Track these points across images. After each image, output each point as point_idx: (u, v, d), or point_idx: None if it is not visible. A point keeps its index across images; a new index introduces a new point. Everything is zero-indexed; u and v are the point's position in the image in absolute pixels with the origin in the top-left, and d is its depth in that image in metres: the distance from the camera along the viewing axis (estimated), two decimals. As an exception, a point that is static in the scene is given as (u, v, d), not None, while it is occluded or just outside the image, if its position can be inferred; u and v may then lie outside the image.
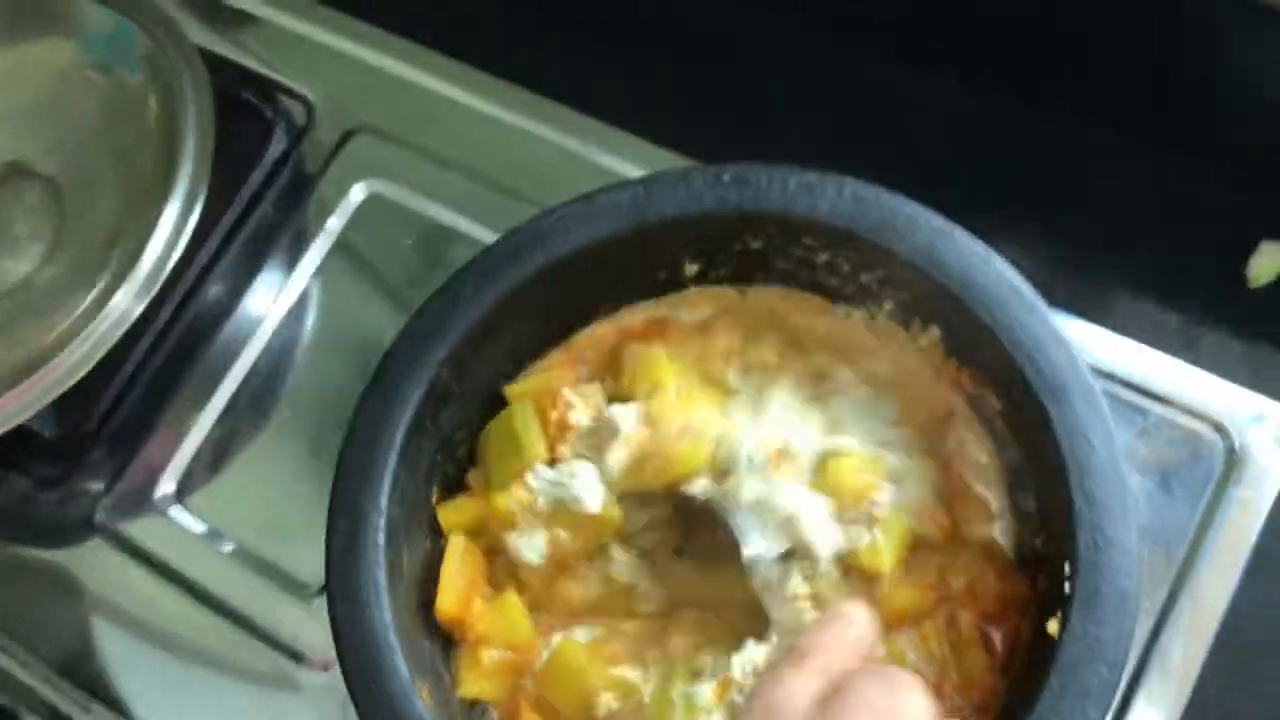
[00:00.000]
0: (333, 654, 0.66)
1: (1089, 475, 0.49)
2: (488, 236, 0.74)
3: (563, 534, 0.57)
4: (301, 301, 0.76)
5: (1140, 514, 0.51)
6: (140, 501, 0.74)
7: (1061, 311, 0.63)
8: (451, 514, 0.59)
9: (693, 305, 0.61)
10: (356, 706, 0.52)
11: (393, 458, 0.55)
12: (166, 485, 0.73)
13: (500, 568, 0.58)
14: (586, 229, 0.57)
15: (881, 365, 0.58)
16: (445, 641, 0.58)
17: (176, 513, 0.73)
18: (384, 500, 0.55)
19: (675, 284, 0.60)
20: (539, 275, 0.57)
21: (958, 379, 0.56)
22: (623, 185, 0.57)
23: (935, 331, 0.56)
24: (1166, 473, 0.62)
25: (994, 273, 0.53)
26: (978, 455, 0.55)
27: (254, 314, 0.76)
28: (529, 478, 0.57)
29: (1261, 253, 0.70)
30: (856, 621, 0.49)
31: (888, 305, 0.57)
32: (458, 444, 0.60)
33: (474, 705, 0.58)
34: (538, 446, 0.58)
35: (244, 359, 0.75)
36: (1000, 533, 0.54)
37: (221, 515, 0.72)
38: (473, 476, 0.60)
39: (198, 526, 0.72)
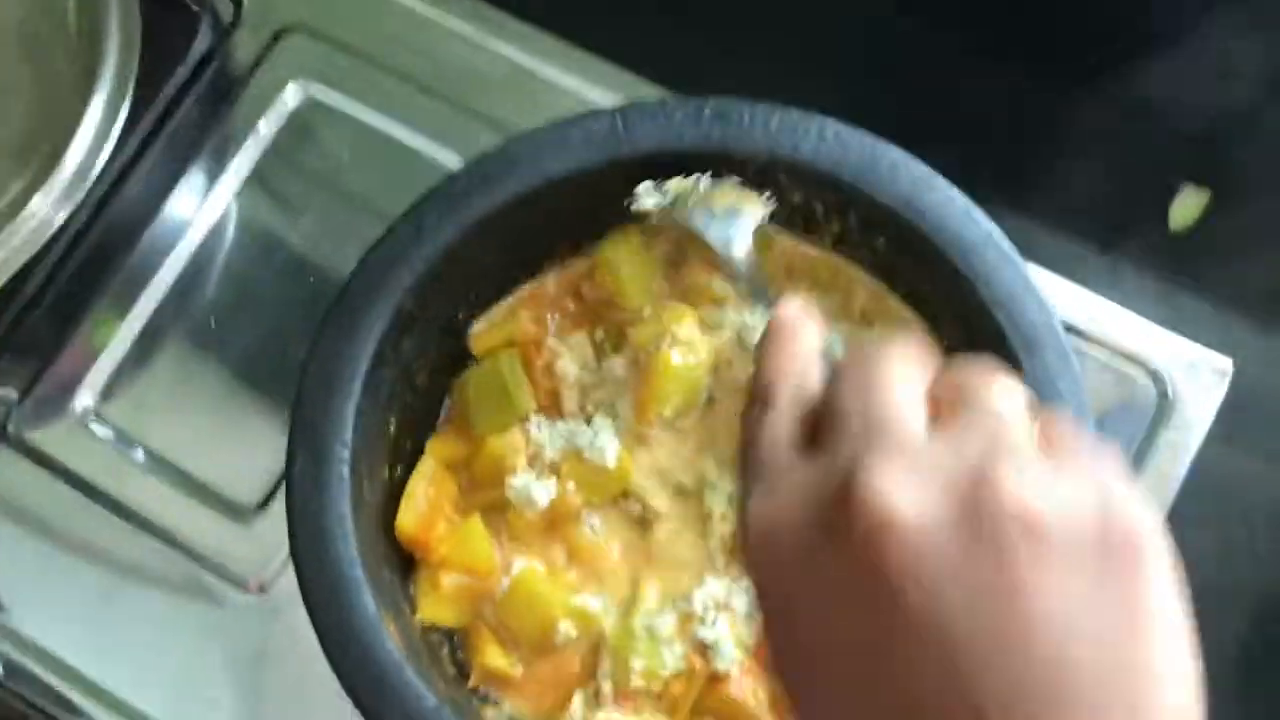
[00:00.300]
0: (267, 575, 0.66)
1: (1057, 427, 0.51)
2: (431, 149, 0.72)
3: (572, 484, 0.56)
4: (228, 210, 0.73)
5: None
6: (55, 413, 0.70)
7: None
8: (439, 446, 0.58)
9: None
10: (323, 644, 0.51)
11: (356, 389, 0.54)
12: (85, 397, 0.70)
13: (476, 503, 0.58)
14: (560, 159, 0.55)
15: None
16: (405, 567, 0.57)
17: (96, 426, 0.70)
18: (348, 434, 0.53)
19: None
20: (508, 205, 0.55)
21: None
22: (598, 114, 0.56)
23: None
24: (1100, 415, 0.65)
25: (973, 223, 0.53)
26: None
27: (176, 221, 0.72)
28: (531, 428, 0.57)
29: (1182, 196, 0.72)
30: (800, 328, 0.38)
31: (859, 251, 0.57)
32: (416, 372, 0.58)
33: (432, 632, 0.57)
34: (528, 399, 0.57)
35: (166, 269, 0.72)
36: None
37: (145, 429, 0.70)
38: (452, 414, 0.60)
39: (118, 440, 0.69)
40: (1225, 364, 0.65)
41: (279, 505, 0.67)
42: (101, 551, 0.68)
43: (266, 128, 0.73)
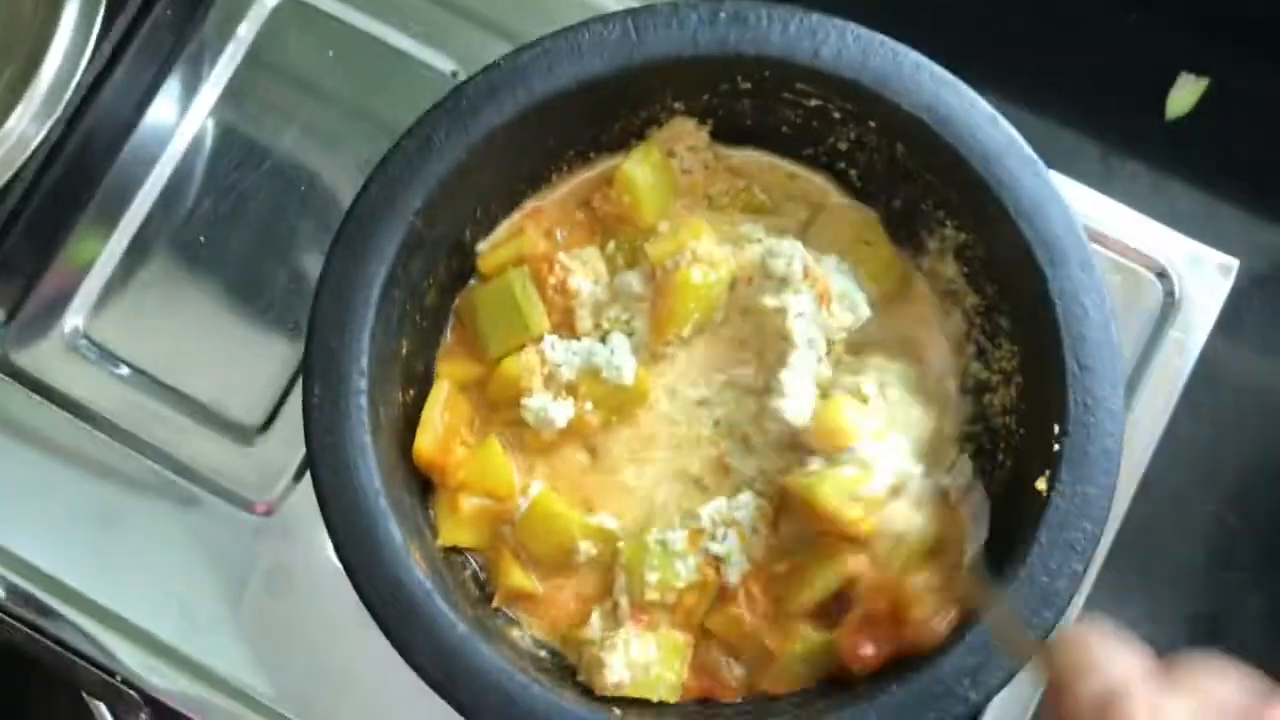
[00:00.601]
0: (273, 496, 0.65)
1: (1081, 341, 0.51)
2: (420, 51, 0.69)
3: (589, 404, 0.56)
4: (209, 119, 0.70)
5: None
6: (43, 334, 0.68)
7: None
8: (451, 368, 0.57)
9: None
10: (351, 578, 0.51)
11: (370, 315, 0.52)
12: (73, 317, 0.68)
13: (491, 425, 0.57)
14: (571, 68, 0.53)
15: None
16: (422, 491, 0.57)
17: (86, 346, 0.68)
18: (364, 360, 0.52)
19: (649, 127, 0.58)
20: (518, 118, 0.53)
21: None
22: (608, 19, 0.53)
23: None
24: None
25: (997, 131, 0.52)
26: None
27: (157, 133, 0.70)
28: (545, 348, 0.56)
29: (1179, 85, 0.72)
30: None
31: (876, 158, 0.56)
32: (425, 292, 0.57)
33: (453, 554, 0.57)
34: (541, 319, 0.56)
35: (150, 182, 0.69)
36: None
37: (137, 348, 0.68)
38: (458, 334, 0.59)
39: (110, 360, 0.68)
40: (1231, 261, 0.65)
41: (281, 426, 0.66)
42: (99, 474, 0.67)
43: (246, 30, 0.70)
